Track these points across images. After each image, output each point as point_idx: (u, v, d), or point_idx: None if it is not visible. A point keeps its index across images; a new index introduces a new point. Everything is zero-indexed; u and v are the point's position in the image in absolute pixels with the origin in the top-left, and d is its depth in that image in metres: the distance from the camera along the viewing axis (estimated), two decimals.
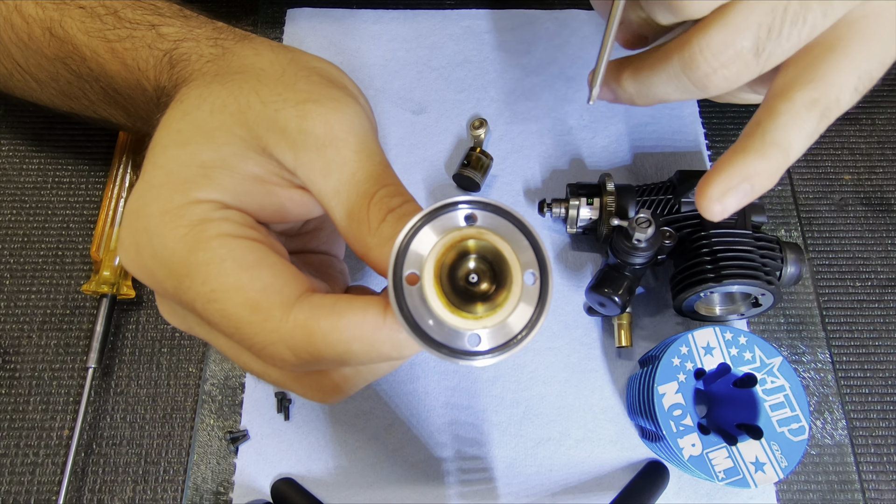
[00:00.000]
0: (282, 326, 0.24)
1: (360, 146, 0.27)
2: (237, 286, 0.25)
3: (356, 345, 0.25)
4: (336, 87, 0.29)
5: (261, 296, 0.25)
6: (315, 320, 0.24)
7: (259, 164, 0.27)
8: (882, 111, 0.54)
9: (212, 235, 0.25)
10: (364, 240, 0.26)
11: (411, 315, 0.22)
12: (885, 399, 0.45)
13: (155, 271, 0.26)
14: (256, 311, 0.25)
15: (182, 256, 0.25)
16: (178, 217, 0.25)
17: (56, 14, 0.35)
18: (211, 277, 0.25)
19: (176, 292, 0.26)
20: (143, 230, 0.26)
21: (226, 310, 0.25)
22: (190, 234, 0.25)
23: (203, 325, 0.28)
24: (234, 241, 0.25)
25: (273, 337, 0.25)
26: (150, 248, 0.26)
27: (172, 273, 0.25)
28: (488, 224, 0.23)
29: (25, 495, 0.42)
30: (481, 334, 0.23)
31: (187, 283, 0.25)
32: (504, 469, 0.42)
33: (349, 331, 0.24)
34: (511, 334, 0.23)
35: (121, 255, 0.28)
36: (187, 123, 0.27)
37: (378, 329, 0.24)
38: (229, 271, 0.25)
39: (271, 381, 0.29)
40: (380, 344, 0.25)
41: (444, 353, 0.22)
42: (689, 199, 0.43)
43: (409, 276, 0.23)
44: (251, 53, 0.30)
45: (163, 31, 0.33)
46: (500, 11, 0.56)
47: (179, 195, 0.26)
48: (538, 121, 0.52)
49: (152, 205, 0.26)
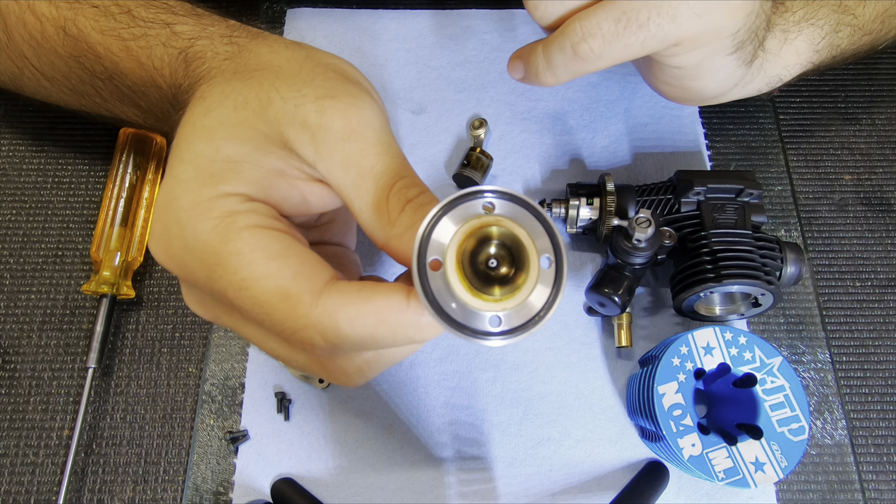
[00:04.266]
0: (311, 312, 0.25)
1: (377, 139, 0.28)
2: (267, 274, 0.26)
3: (381, 328, 0.26)
4: (351, 82, 0.30)
5: (290, 283, 0.26)
6: (343, 306, 0.25)
7: (281, 159, 0.28)
8: (882, 111, 0.54)
9: (241, 227, 0.26)
10: (384, 230, 0.27)
11: (435, 299, 0.24)
12: (885, 399, 0.45)
13: (187, 262, 0.27)
14: (287, 298, 0.26)
15: (213, 247, 0.26)
16: (208, 209, 0.26)
17: (70, 13, 0.36)
18: (242, 266, 0.26)
19: (207, 282, 0.27)
20: (174, 223, 0.27)
21: (257, 297, 0.26)
22: (220, 225, 0.26)
23: (231, 313, 0.29)
24: (262, 232, 0.26)
25: (303, 322, 0.26)
26: (182, 240, 0.27)
27: (204, 263, 0.26)
28: (505, 212, 0.25)
29: (25, 495, 0.42)
30: (501, 316, 0.24)
31: (219, 273, 0.26)
32: (504, 469, 0.42)
33: (375, 315, 0.25)
34: (529, 315, 0.24)
35: (152, 248, 0.29)
36: (211, 119, 0.28)
37: (402, 313, 0.25)
38: (259, 260, 0.26)
39: (297, 365, 0.30)
40: (403, 327, 0.26)
41: (467, 333, 0.24)
42: (690, 199, 0.43)
43: (432, 262, 0.24)
44: (267, 51, 0.31)
45: (177, 29, 0.34)
46: (500, 11, 0.56)
47: (208, 188, 0.27)
48: (538, 121, 0.52)
49: (182, 198, 0.27)
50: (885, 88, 0.54)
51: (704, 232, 0.42)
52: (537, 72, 0.37)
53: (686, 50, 0.35)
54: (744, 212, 0.42)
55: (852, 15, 0.41)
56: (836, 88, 0.54)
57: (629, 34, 0.33)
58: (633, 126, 0.52)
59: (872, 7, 0.42)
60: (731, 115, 0.53)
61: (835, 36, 0.41)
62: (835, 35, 0.41)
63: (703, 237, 0.42)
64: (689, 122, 0.52)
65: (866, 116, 0.53)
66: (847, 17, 0.41)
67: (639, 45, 0.33)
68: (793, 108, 0.54)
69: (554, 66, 0.36)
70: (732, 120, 0.53)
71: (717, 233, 0.41)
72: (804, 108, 0.54)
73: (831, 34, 0.41)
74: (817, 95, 0.54)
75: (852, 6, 0.41)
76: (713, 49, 0.35)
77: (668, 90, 0.41)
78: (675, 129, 0.52)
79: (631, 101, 0.53)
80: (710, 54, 0.35)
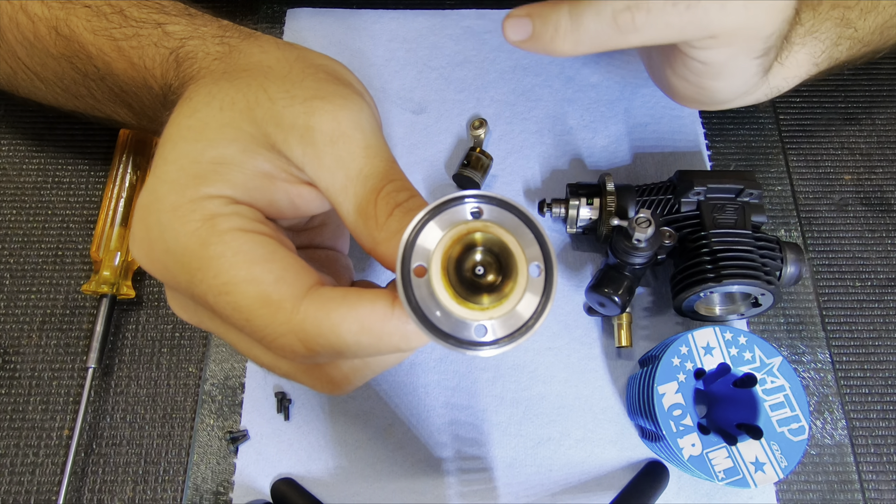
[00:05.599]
0: (292, 318, 0.25)
1: (366, 142, 0.28)
2: (248, 279, 0.25)
3: (365, 336, 0.25)
4: (342, 84, 0.29)
5: (272, 288, 0.25)
6: (325, 312, 0.25)
7: (268, 161, 0.28)
8: (882, 111, 0.54)
9: (223, 230, 0.26)
10: (372, 234, 0.27)
11: (419, 307, 0.23)
12: (885, 399, 0.45)
13: (168, 265, 0.27)
14: (267, 304, 0.25)
15: (194, 250, 0.26)
16: (189, 212, 0.26)
17: (62, 13, 0.35)
18: (223, 271, 0.25)
19: (188, 286, 0.26)
20: (155, 225, 0.26)
21: (237, 302, 0.25)
22: (202, 228, 0.26)
23: (214, 318, 0.28)
24: (245, 236, 0.26)
25: (284, 328, 0.25)
26: (163, 243, 0.26)
27: (185, 267, 0.26)
28: (494, 217, 0.24)
29: (25, 495, 0.42)
30: (488, 325, 0.23)
31: (199, 277, 0.26)
32: (504, 469, 0.42)
33: (358, 322, 0.25)
34: (517, 325, 0.23)
35: (133, 250, 0.28)
36: (197, 120, 0.28)
37: (386, 320, 0.25)
38: (241, 265, 0.25)
39: (281, 373, 0.29)
40: (388, 335, 0.25)
41: (452, 343, 0.23)
42: (690, 199, 0.43)
43: (417, 268, 0.23)
44: (258, 51, 0.31)
45: (169, 29, 0.33)
46: (500, 11, 0.56)
47: (191, 190, 0.26)
48: (538, 121, 0.52)
49: (164, 200, 0.26)
50: (885, 88, 0.54)
51: (704, 232, 0.42)
52: (555, 34, 0.32)
53: (719, 44, 0.33)
54: (744, 212, 0.42)
55: (853, 28, 0.41)
56: (836, 88, 0.54)
57: (676, 13, 0.31)
58: (633, 126, 0.52)
59: (872, 20, 0.42)
60: (731, 115, 0.53)
61: (834, 49, 0.41)
62: (834, 48, 0.41)
63: (703, 237, 0.42)
64: (689, 122, 0.52)
65: (866, 116, 0.53)
66: (848, 30, 0.41)
67: (679, 27, 0.32)
68: (793, 108, 0.54)
69: (582, 31, 0.32)
70: (732, 120, 0.53)
71: (717, 233, 0.41)
72: (804, 109, 0.54)
73: (831, 47, 0.41)
74: (817, 95, 0.54)
75: (854, 20, 0.41)
76: (744, 48, 0.34)
77: (681, 87, 0.39)
78: (675, 129, 0.52)
79: (631, 101, 0.53)
80: (739, 54, 0.34)
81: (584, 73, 0.53)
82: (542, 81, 0.53)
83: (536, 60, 0.54)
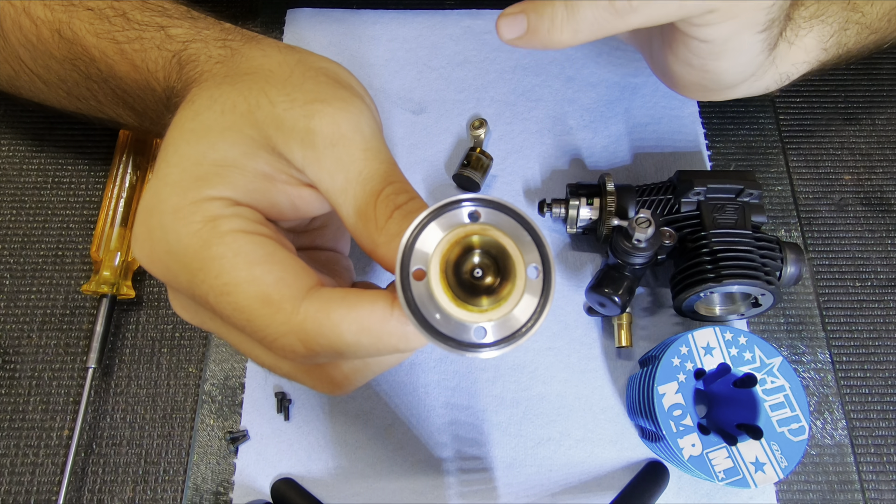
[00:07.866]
0: (292, 319, 0.25)
1: (366, 144, 0.28)
2: (249, 280, 0.25)
3: (364, 337, 0.25)
4: (343, 86, 0.29)
5: (272, 289, 0.25)
6: (325, 313, 0.25)
7: (269, 163, 0.28)
8: (882, 111, 0.54)
9: (224, 231, 0.26)
10: (371, 236, 0.27)
11: (418, 309, 0.23)
12: (885, 399, 0.45)
13: (169, 266, 0.27)
14: (268, 304, 0.25)
15: (196, 251, 0.26)
16: (191, 213, 0.26)
17: (65, 16, 0.36)
18: (224, 271, 0.25)
19: (190, 286, 0.26)
20: (157, 226, 0.27)
21: (238, 302, 0.25)
22: (203, 229, 0.26)
23: (215, 318, 0.29)
24: (246, 237, 0.26)
25: (284, 329, 0.25)
26: (165, 244, 0.27)
27: (186, 267, 0.26)
28: (492, 220, 0.24)
29: (25, 495, 0.42)
30: (487, 327, 0.23)
31: (201, 277, 0.26)
32: (504, 469, 0.42)
33: (358, 323, 0.25)
34: (516, 327, 0.24)
35: (135, 251, 0.28)
36: (199, 123, 0.28)
37: (386, 321, 0.25)
38: (241, 265, 0.26)
39: (282, 373, 0.30)
40: (387, 336, 0.25)
41: (451, 345, 0.23)
42: (690, 199, 0.43)
43: (416, 271, 0.23)
44: (259, 55, 0.31)
45: (171, 32, 0.33)
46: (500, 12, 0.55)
47: (192, 192, 0.26)
48: (538, 121, 0.52)
49: (166, 201, 0.27)
50: (885, 88, 0.54)
51: (704, 232, 0.42)
52: (552, 26, 0.32)
53: (720, 18, 0.33)
54: (744, 212, 0.42)
55: (861, 13, 0.41)
56: (836, 88, 0.54)
57: None
58: (633, 126, 0.52)
59: (880, 5, 0.42)
60: (731, 115, 0.53)
61: (843, 34, 0.41)
62: (843, 33, 0.41)
63: (703, 237, 0.42)
64: (689, 122, 0.52)
65: (866, 116, 0.53)
66: (856, 14, 0.41)
67: (678, 2, 0.31)
68: (793, 108, 0.54)
69: (579, 18, 0.32)
70: (732, 120, 0.53)
71: (717, 233, 0.41)
72: (804, 109, 0.54)
73: (839, 32, 0.41)
74: (817, 95, 0.54)
75: (861, 4, 0.41)
76: (745, 22, 0.34)
77: (684, 73, 0.39)
78: (675, 129, 0.52)
79: (631, 101, 0.53)
80: (741, 28, 0.34)
81: (584, 73, 0.53)
82: (542, 81, 0.53)
83: (536, 60, 0.54)
